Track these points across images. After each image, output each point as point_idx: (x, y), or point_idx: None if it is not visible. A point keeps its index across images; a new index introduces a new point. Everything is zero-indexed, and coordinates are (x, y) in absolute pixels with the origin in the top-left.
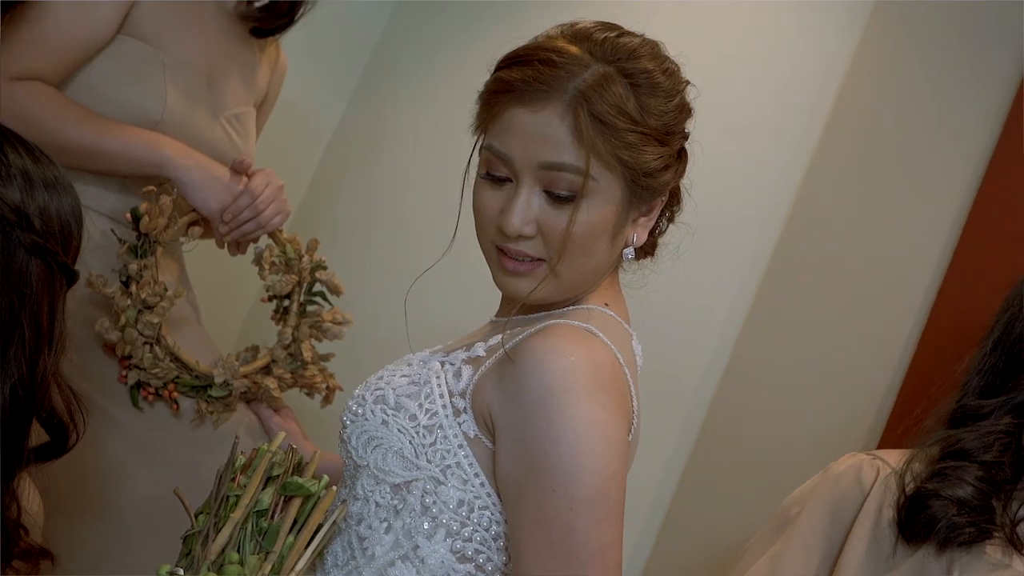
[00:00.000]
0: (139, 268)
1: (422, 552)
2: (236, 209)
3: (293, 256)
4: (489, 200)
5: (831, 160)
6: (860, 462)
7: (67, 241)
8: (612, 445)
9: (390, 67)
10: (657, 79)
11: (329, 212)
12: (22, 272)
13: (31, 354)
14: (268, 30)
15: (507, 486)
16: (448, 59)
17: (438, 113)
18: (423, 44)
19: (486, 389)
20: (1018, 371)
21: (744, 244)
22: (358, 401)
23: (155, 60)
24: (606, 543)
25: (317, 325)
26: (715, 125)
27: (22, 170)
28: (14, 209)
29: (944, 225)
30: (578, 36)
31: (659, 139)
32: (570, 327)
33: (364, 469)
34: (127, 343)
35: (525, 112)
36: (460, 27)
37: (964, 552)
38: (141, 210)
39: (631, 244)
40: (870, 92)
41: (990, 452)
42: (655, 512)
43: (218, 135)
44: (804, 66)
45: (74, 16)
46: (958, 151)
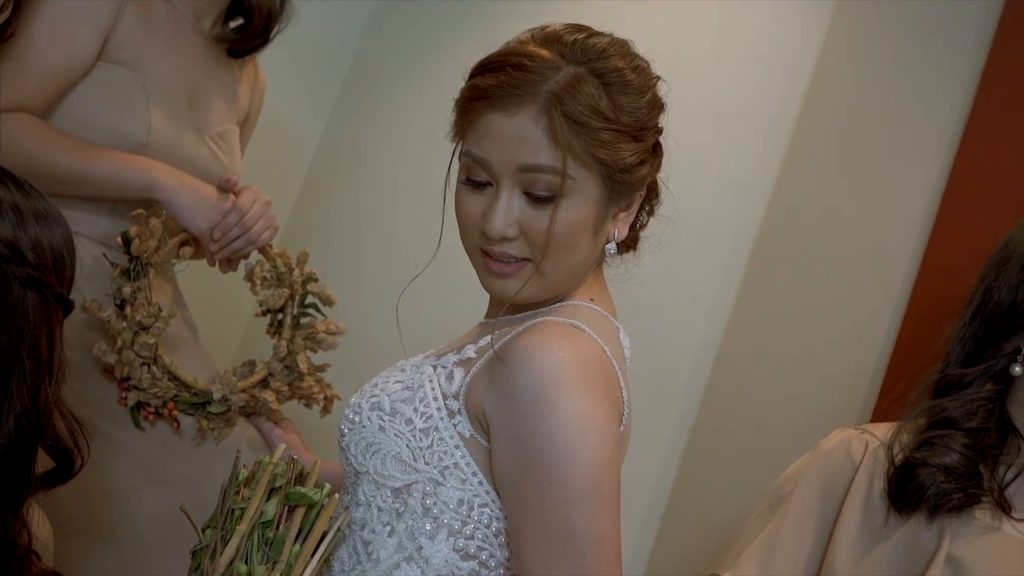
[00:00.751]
0: (132, 291)
1: (426, 553)
2: (225, 227)
3: (284, 270)
4: (471, 205)
5: (807, 145)
6: (849, 437)
7: (61, 272)
8: (604, 437)
9: (370, 77)
10: (628, 77)
11: (318, 224)
12: (19, 306)
13: (32, 385)
14: (244, 50)
15: (504, 483)
16: (426, 65)
17: (420, 119)
18: (400, 52)
19: (478, 389)
20: (997, 339)
21: (727, 232)
22: (355, 409)
23: (136, 84)
24: (604, 532)
25: (311, 337)
26: (689, 117)
27: (12, 204)
28: (7, 244)
29: (921, 202)
30: (548, 39)
31: (633, 135)
32: (557, 324)
33: (364, 475)
34: (125, 365)
35: (501, 117)
36: (436, 34)
37: (954, 518)
38: (131, 233)
39: (612, 239)
40: (842, 75)
41: (974, 419)
42: (655, 502)
43: (203, 154)
44: (776, 53)
45: (53, 46)
46: (931, 128)
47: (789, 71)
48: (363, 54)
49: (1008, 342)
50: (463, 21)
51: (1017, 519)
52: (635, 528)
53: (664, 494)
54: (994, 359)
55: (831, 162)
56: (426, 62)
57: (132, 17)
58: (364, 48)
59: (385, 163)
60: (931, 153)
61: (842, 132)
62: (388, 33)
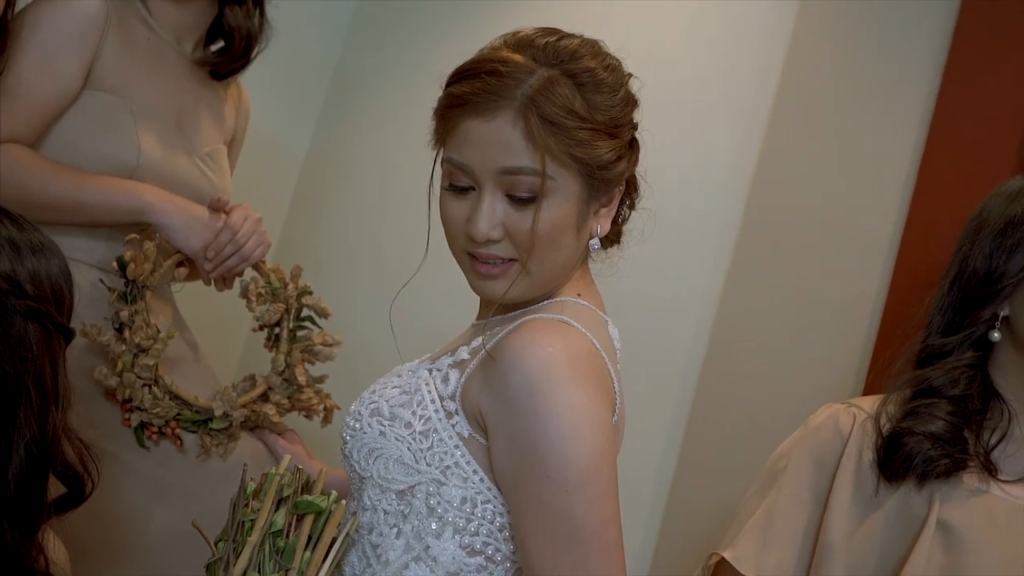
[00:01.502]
0: (130, 314)
1: (433, 551)
2: (218, 246)
3: (278, 285)
4: (455, 210)
5: (784, 132)
6: (836, 411)
7: (60, 301)
8: (598, 427)
9: (351, 87)
10: (600, 76)
11: (309, 237)
12: (21, 337)
13: (40, 413)
14: (227, 72)
15: (504, 479)
16: (405, 72)
17: (403, 128)
18: (379, 60)
19: (473, 389)
20: (975, 306)
21: (711, 221)
22: (355, 416)
23: (123, 109)
24: (604, 520)
25: (308, 349)
26: (668, 111)
27: (8, 239)
28: (6, 278)
29: (898, 179)
30: (520, 44)
31: (609, 132)
32: (546, 320)
33: (368, 480)
34: (126, 387)
35: (479, 122)
36: (413, 41)
37: (942, 483)
38: (126, 257)
39: (596, 235)
40: (813, 61)
41: (957, 387)
42: (658, 492)
43: (194, 175)
44: (748, 42)
45: (40, 77)
46: (903, 105)
47: (762, 59)
48: (343, 65)
49: (985, 309)
50: (439, 27)
51: (1004, 481)
52: (641, 519)
53: (666, 483)
54: (973, 326)
55: (808, 147)
56: (405, 69)
57: (115, 45)
58: (344, 59)
59: (372, 172)
60: (904, 130)
61: (817, 117)
62: (366, 43)
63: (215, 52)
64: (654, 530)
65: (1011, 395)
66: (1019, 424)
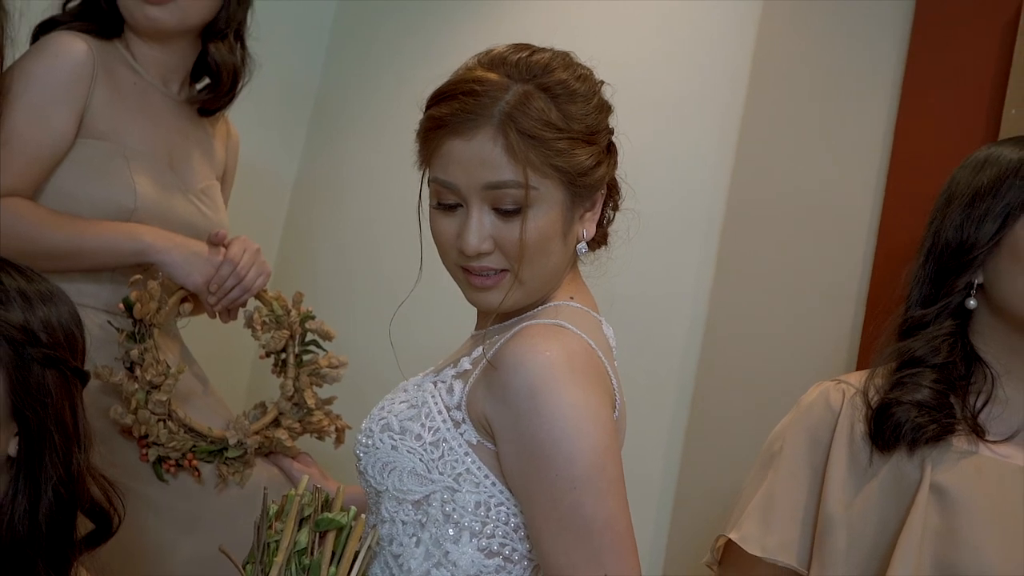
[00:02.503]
0: (140, 352)
1: (452, 556)
2: (220, 279)
3: (281, 312)
4: (445, 227)
5: (758, 121)
6: (827, 389)
7: (73, 346)
8: (600, 424)
9: (334, 112)
10: (573, 86)
11: (304, 263)
12: (40, 384)
13: (64, 455)
14: (214, 108)
15: (515, 481)
16: (385, 94)
17: (388, 146)
18: (359, 85)
19: (478, 397)
20: (950, 276)
21: (695, 214)
22: (366, 433)
23: (117, 154)
24: (614, 512)
25: (315, 372)
26: (641, 112)
27: (18, 290)
28: (20, 329)
29: (873, 158)
30: (494, 62)
31: (586, 140)
32: (541, 326)
33: (385, 493)
34: (141, 423)
35: (460, 142)
36: (390, 63)
37: (933, 448)
38: (132, 298)
39: (582, 239)
40: (781, 51)
41: (939, 355)
42: (666, 484)
43: (190, 212)
44: (717, 38)
45: (34, 130)
46: (871, 90)
47: (732, 54)
48: (323, 91)
49: (960, 278)
50: (415, 46)
51: (992, 441)
52: (651, 512)
53: (673, 474)
54: (950, 296)
55: (783, 137)
56: (384, 89)
57: (104, 92)
58: (324, 84)
59: (360, 193)
60: (875, 112)
61: (789, 107)
62: (345, 67)
63: (202, 90)
64: (665, 521)
65: (992, 359)
66: (1002, 386)
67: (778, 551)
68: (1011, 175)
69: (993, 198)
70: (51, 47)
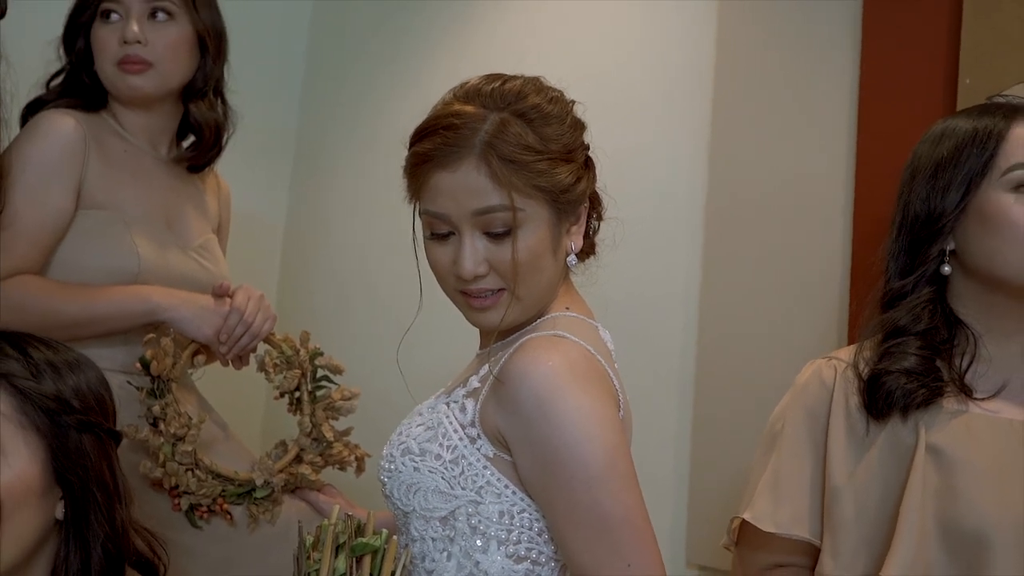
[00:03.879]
0: (162, 407)
1: (483, 566)
2: (229, 328)
3: (291, 353)
4: (441, 256)
5: (728, 110)
6: (819, 367)
7: (104, 409)
8: (607, 424)
9: (316, 150)
10: (546, 109)
11: (305, 301)
12: (79, 448)
13: (108, 513)
14: (203, 164)
15: (533, 487)
16: (364, 127)
17: (373, 178)
18: (338, 121)
19: (489, 413)
20: (922, 246)
21: (678, 212)
22: (388, 459)
23: (117, 221)
24: (630, 506)
25: (330, 406)
26: (613, 119)
27: (47, 362)
28: (54, 398)
29: (840, 142)
30: (469, 95)
31: (564, 158)
32: (542, 338)
33: (412, 513)
34: (171, 475)
35: (446, 174)
36: (365, 96)
37: (924, 411)
38: (148, 356)
39: (571, 251)
40: (742, 44)
41: (921, 322)
42: (680, 475)
43: (192, 268)
44: (678, 37)
45: (34, 209)
46: (832, 71)
47: (695, 50)
48: (304, 130)
49: (933, 247)
50: (389, 76)
51: (980, 399)
52: (669, 504)
53: (685, 465)
54: (925, 264)
55: (753, 127)
56: (362, 122)
57: (97, 163)
58: (303, 125)
59: (351, 227)
60: (837, 93)
61: (756, 96)
62: (322, 104)
63: (188, 148)
64: (683, 511)
65: (972, 320)
66: (985, 345)
67: (790, 525)
68: (968, 144)
69: (954, 168)
70: (42, 127)
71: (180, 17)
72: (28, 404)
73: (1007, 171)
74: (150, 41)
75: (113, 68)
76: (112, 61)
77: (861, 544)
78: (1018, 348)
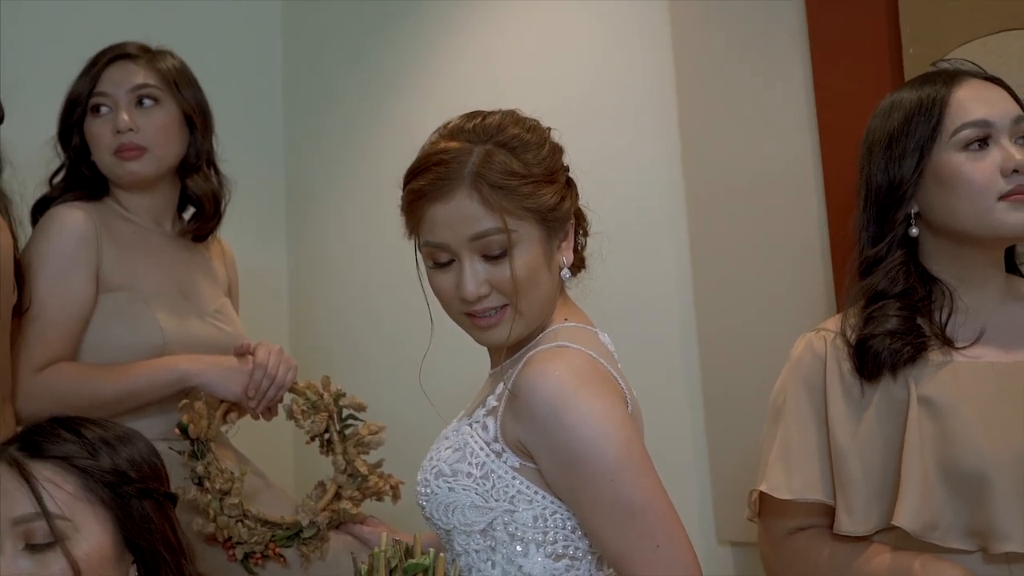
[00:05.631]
0: (204, 467)
1: (526, 569)
2: (255, 384)
3: (315, 398)
4: (444, 283)
5: (693, 107)
6: (810, 339)
7: (158, 474)
8: (617, 420)
9: (306, 200)
10: (526, 138)
11: (318, 345)
12: (142, 515)
13: (177, 569)
14: (206, 233)
15: (560, 489)
16: (348, 167)
17: (363, 215)
18: (322, 165)
19: (509, 427)
20: (888, 213)
21: (660, 213)
22: (423, 484)
23: (137, 300)
24: (650, 491)
25: (360, 442)
26: (585, 130)
27: (100, 439)
28: (113, 472)
29: (803, 124)
30: (453, 133)
31: (547, 180)
32: (546, 350)
33: (453, 530)
34: (223, 528)
35: (440, 206)
36: (346, 140)
37: (912, 367)
38: (185, 421)
39: (563, 266)
40: (697, 43)
41: (898, 284)
42: (699, 460)
43: (211, 333)
44: (635, 39)
45: (58, 301)
46: (784, 51)
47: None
48: (291, 181)
49: (898, 212)
50: (368, 112)
51: (961, 348)
52: (693, 488)
53: (703, 450)
54: (893, 230)
55: (720, 119)
56: (347, 160)
57: (110, 249)
58: (290, 175)
59: (350, 268)
60: (792, 74)
61: (718, 88)
62: (305, 153)
63: (191, 220)
64: (707, 493)
65: (945, 275)
66: (960, 296)
67: (804, 490)
68: (915, 114)
69: (906, 137)
70: (54, 223)
71: (165, 100)
72: (91, 481)
73: (954, 133)
74: (141, 127)
75: (111, 157)
76: (109, 151)
77: (872, 498)
78: (991, 295)
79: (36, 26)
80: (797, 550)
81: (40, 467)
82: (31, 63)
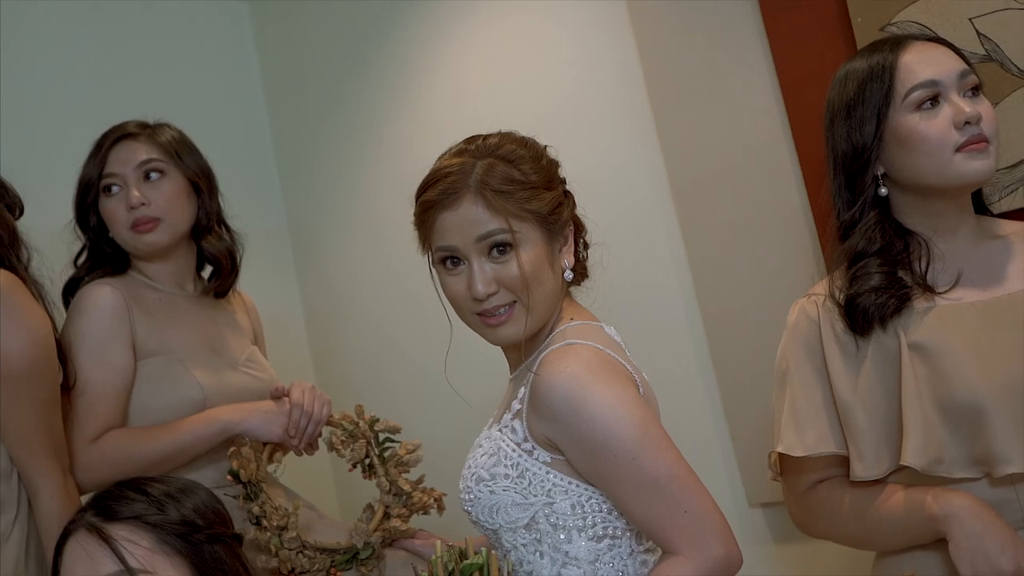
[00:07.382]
0: (260, 507)
1: (572, 553)
2: (295, 423)
3: (352, 427)
4: (455, 285)
5: (668, 107)
6: (802, 305)
7: (223, 519)
8: (630, 403)
9: (310, 241)
10: (522, 152)
11: (343, 378)
12: (215, 558)
13: None
14: (226, 289)
15: (590, 475)
16: (345, 210)
17: (370, 252)
18: (321, 208)
19: (534, 425)
20: (857, 178)
21: (649, 208)
22: (465, 491)
23: (173, 362)
24: (670, 463)
25: (399, 462)
26: (574, 148)
27: (165, 494)
28: (182, 523)
29: (772, 105)
30: (458, 152)
31: (545, 187)
32: (556, 350)
33: (500, 529)
34: (285, 561)
35: (449, 213)
36: (339, 180)
37: (899, 317)
38: (235, 467)
39: (566, 267)
40: (660, 38)
41: (876, 242)
42: (720, 431)
43: (245, 382)
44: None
45: (102, 373)
46: (743, 34)
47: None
48: (294, 225)
49: (866, 175)
50: (355, 145)
51: (942, 292)
52: (720, 457)
53: (723, 423)
54: (863, 192)
55: (692, 109)
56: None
57: (141, 318)
58: (292, 220)
59: (363, 302)
60: (753, 58)
61: (685, 83)
62: (303, 196)
63: (210, 279)
64: (732, 462)
65: (919, 226)
66: (935, 244)
67: (817, 445)
68: (867, 81)
69: (863, 105)
70: (86, 302)
71: (170, 171)
72: (164, 534)
73: (906, 95)
74: (152, 200)
75: (128, 232)
76: (125, 227)
77: (880, 443)
78: (964, 239)
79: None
80: (820, 501)
81: (116, 528)
82: (32, 148)
